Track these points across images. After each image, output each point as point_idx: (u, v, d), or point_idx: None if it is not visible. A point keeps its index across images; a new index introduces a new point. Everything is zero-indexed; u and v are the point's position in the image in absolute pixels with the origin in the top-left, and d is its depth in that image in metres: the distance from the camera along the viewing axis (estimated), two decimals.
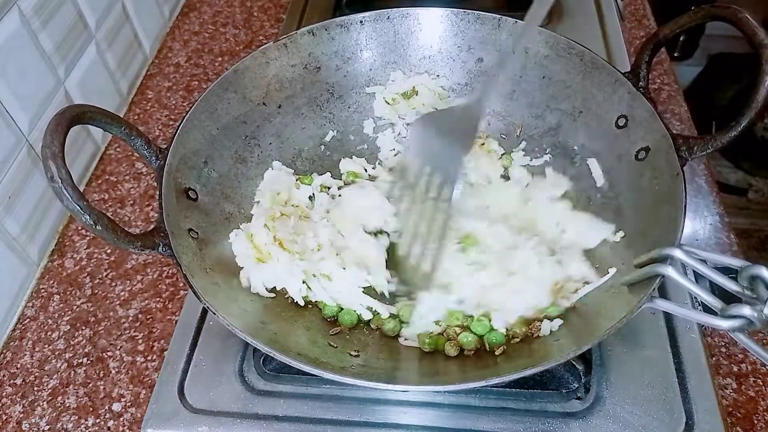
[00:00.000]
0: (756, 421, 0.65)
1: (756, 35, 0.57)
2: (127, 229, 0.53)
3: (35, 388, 0.72)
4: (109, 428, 0.68)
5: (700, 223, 0.83)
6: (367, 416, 0.63)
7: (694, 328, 0.67)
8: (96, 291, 0.80)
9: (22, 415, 0.70)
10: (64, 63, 0.89)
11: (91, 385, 0.72)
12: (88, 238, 0.86)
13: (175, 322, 0.72)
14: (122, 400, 0.70)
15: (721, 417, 0.61)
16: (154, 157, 0.63)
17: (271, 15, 1.23)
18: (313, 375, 0.53)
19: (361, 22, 0.80)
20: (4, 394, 0.71)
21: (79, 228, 0.88)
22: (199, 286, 0.57)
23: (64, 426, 0.68)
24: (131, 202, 0.91)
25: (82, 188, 0.92)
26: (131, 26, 1.07)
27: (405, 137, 0.84)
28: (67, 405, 0.70)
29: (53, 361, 0.74)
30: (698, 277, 0.59)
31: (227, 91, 0.73)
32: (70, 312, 0.79)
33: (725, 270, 0.50)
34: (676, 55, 2.08)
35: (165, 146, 0.64)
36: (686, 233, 0.80)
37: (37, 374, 0.73)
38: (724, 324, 0.47)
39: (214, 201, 0.69)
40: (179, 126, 0.67)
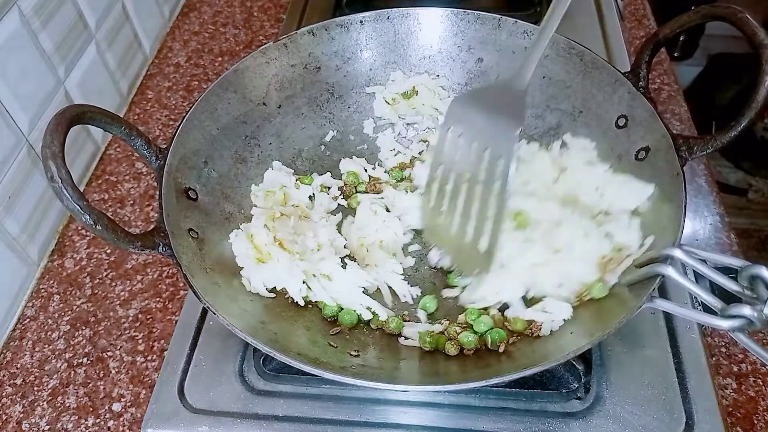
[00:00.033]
0: (756, 421, 0.65)
1: (756, 35, 0.57)
2: (127, 229, 0.53)
3: (35, 388, 0.72)
4: (109, 428, 0.68)
5: (700, 223, 0.83)
6: (367, 416, 0.63)
7: (694, 328, 0.67)
8: (96, 291, 0.80)
9: (22, 415, 0.70)
10: (64, 63, 0.89)
11: (91, 385, 0.72)
12: (88, 238, 0.86)
13: (175, 322, 0.72)
14: (122, 400, 0.70)
15: (721, 417, 0.61)
16: (154, 157, 0.63)
17: (271, 15, 1.23)
18: (313, 375, 0.53)
19: (361, 22, 0.80)
20: (4, 394, 0.71)
21: (79, 228, 0.88)
22: (199, 286, 0.57)
23: (64, 426, 0.68)
24: (131, 202, 0.91)
25: (82, 188, 0.92)
26: (131, 26, 1.07)
27: (405, 137, 0.84)
28: (67, 405, 0.70)
29: (53, 361, 0.74)
30: (698, 277, 0.59)
31: (227, 91, 0.73)
32: (70, 312, 0.79)
33: (725, 270, 0.50)
34: (676, 55, 2.08)
35: (165, 146, 0.64)
36: (686, 233, 0.80)
37: (37, 374, 0.73)
38: (724, 324, 0.48)
39: (214, 201, 0.69)
40: (179, 126, 0.67)
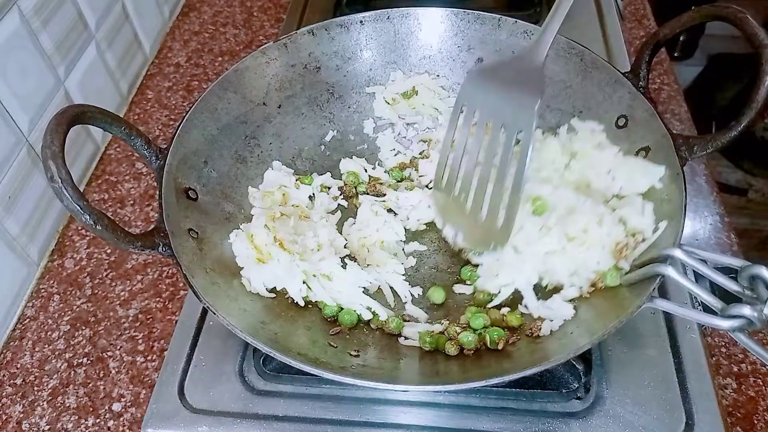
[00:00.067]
0: (756, 421, 0.65)
1: (756, 35, 0.57)
2: (127, 229, 0.53)
3: (35, 388, 0.72)
4: (109, 428, 0.68)
5: (700, 223, 0.83)
6: (367, 416, 0.63)
7: (694, 328, 0.67)
8: (96, 291, 0.80)
9: (22, 415, 0.70)
10: (64, 63, 0.89)
11: (91, 385, 0.72)
12: (88, 238, 0.86)
13: (175, 322, 0.72)
14: (122, 400, 0.70)
15: (721, 417, 0.61)
16: (154, 157, 0.63)
17: (271, 15, 1.23)
18: (313, 375, 0.53)
19: (361, 22, 0.80)
20: (4, 394, 0.71)
21: (79, 228, 0.88)
22: (199, 286, 0.57)
23: (64, 426, 0.68)
24: (131, 202, 0.91)
25: (82, 188, 0.92)
26: (131, 26, 1.07)
27: (405, 137, 0.84)
28: (67, 405, 0.70)
29: (53, 361, 0.74)
30: (698, 277, 0.59)
31: (227, 91, 0.73)
32: (70, 312, 0.79)
33: (725, 270, 0.50)
34: (676, 55, 2.08)
35: (165, 146, 0.64)
36: (686, 233, 0.80)
37: (37, 374, 0.73)
38: (724, 324, 0.48)
39: (214, 201, 0.69)
40: (179, 126, 0.67)
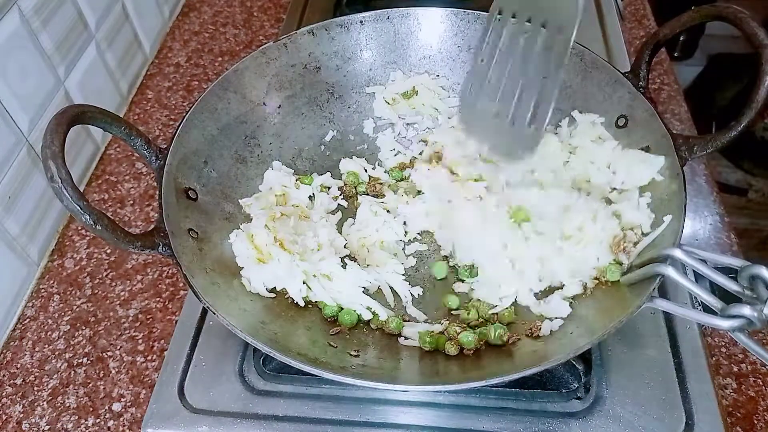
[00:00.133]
0: (756, 421, 0.65)
1: (756, 35, 0.57)
2: (127, 229, 0.53)
3: (35, 388, 0.72)
4: (109, 428, 0.68)
5: (700, 223, 0.83)
6: (367, 416, 0.63)
7: (694, 328, 0.67)
8: (96, 291, 0.80)
9: (22, 415, 0.70)
10: (64, 63, 0.89)
11: (91, 385, 0.72)
12: (88, 238, 0.86)
13: (175, 322, 0.72)
14: (122, 400, 0.70)
15: (721, 417, 0.61)
16: (154, 157, 0.63)
17: (271, 15, 1.23)
18: (313, 375, 0.53)
19: (361, 22, 0.80)
20: (4, 394, 0.71)
21: (79, 228, 0.88)
22: (199, 286, 0.57)
23: (64, 426, 0.68)
24: (131, 202, 0.91)
25: (82, 188, 0.92)
26: (131, 26, 1.07)
27: (405, 137, 0.84)
28: (67, 405, 0.70)
29: (53, 361, 0.74)
30: (698, 277, 0.59)
31: (227, 91, 0.73)
32: (70, 312, 0.79)
33: (725, 270, 0.50)
34: (676, 55, 2.08)
35: (165, 146, 0.64)
36: (686, 233, 0.80)
37: (37, 374, 0.73)
38: (724, 324, 0.48)
39: (214, 201, 0.69)
40: (179, 126, 0.67)
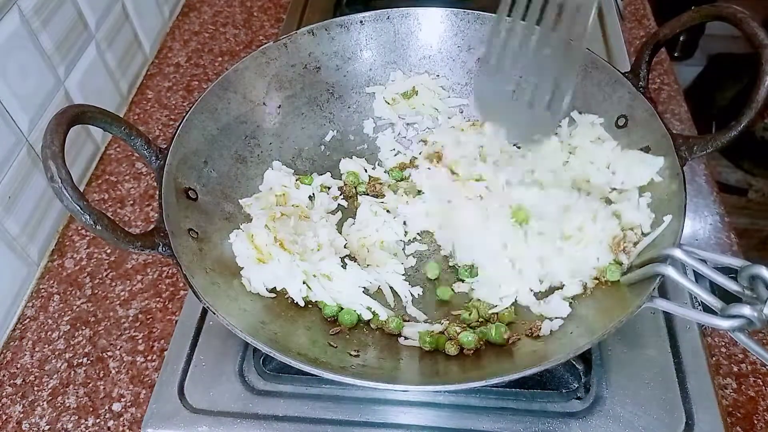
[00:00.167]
0: (756, 421, 0.65)
1: (756, 35, 0.57)
2: (127, 229, 0.53)
3: (35, 388, 0.72)
4: (109, 428, 0.68)
5: (700, 223, 0.83)
6: (367, 416, 0.63)
7: (694, 328, 0.67)
8: (96, 291, 0.80)
9: (22, 415, 0.70)
10: (64, 63, 0.89)
11: (91, 385, 0.72)
12: (88, 238, 0.86)
13: (175, 322, 0.72)
14: (122, 400, 0.70)
15: (721, 417, 0.61)
16: (154, 157, 0.63)
17: (271, 15, 1.23)
18: (313, 375, 0.53)
19: (361, 22, 0.80)
20: (4, 394, 0.71)
21: (79, 228, 0.88)
22: (199, 286, 0.57)
23: (64, 426, 0.68)
24: (131, 202, 0.91)
25: (82, 188, 0.92)
26: (131, 26, 1.07)
27: (405, 137, 0.84)
28: (67, 405, 0.70)
29: (53, 361, 0.74)
30: (698, 277, 0.59)
31: (227, 91, 0.73)
32: (70, 312, 0.79)
33: (725, 270, 0.50)
34: (676, 55, 2.08)
35: (165, 146, 0.64)
36: (686, 233, 0.80)
37: (37, 374, 0.73)
38: (724, 324, 0.48)
39: (214, 201, 0.69)
40: (179, 126, 0.67)
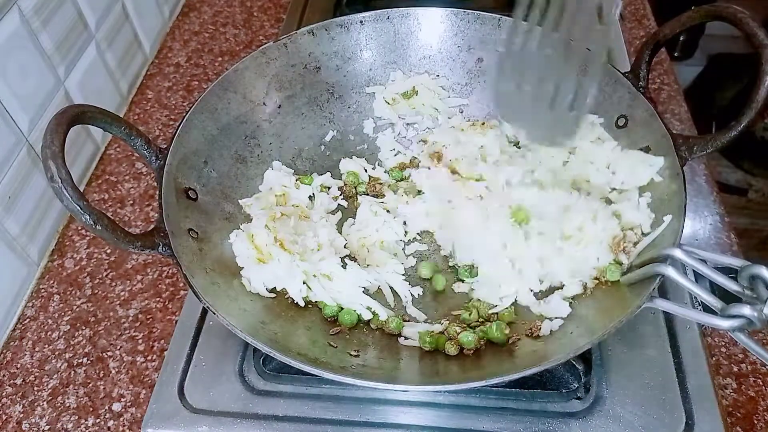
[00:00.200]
0: (756, 421, 0.65)
1: (756, 35, 0.57)
2: (127, 229, 0.53)
3: (35, 388, 0.72)
4: (109, 428, 0.68)
5: (700, 223, 0.83)
6: (367, 416, 0.63)
7: (694, 328, 0.67)
8: (96, 291, 0.80)
9: (22, 415, 0.70)
10: (64, 63, 0.89)
11: (91, 385, 0.72)
12: (88, 238, 0.86)
13: (175, 322, 0.72)
14: (122, 400, 0.70)
15: (721, 417, 0.61)
16: (154, 157, 0.63)
17: (271, 15, 1.23)
18: (313, 375, 0.53)
19: (361, 22, 0.80)
20: (4, 394, 0.71)
21: (79, 228, 0.88)
22: (199, 286, 0.57)
23: (64, 426, 0.68)
24: (131, 202, 0.91)
25: (82, 188, 0.92)
26: (131, 26, 1.07)
27: (405, 137, 0.84)
28: (67, 405, 0.70)
29: (53, 361, 0.74)
30: (698, 277, 0.59)
31: (227, 91, 0.73)
32: (70, 312, 0.79)
33: (725, 270, 0.50)
34: (676, 55, 2.08)
35: (165, 146, 0.64)
36: (686, 233, 0.80)
37: (37, 374, 0.73)
38: (724, 324, 0.48)
39: (214, 201, 0.69)
40: (179, 126, 0.67)
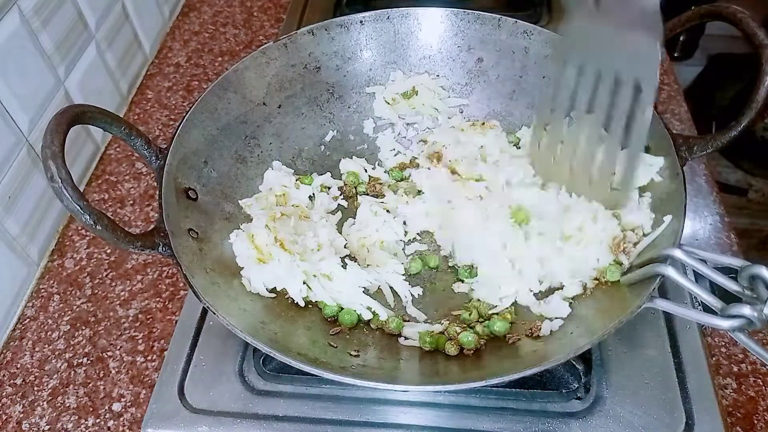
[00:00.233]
0: (756, 421, 0.65)
1: (756, 35, 0.57)
2: (127, 229, 0.53)
3: (35, 388, 0.72)
4: (109, 428, 0.68)
5: (700, 223, 0.83)
6: (367, 416, 0.63)
7: (694, 328, 0.67)
8: (96, 291, 0.80)
9: (22, 415, 0.70)
10: (64, 63, 0.89)
11: (91, 385, 0.72)
12: (88, 238, 0.86)
13: (175, 322, 0.72)
14: (122, 400, 0.70)
15: (721, 417, 0.61)
16: (154, 157, 0.63)
17: (271, 15, 1.23)
18: (313, 375, 0.53)
19: (361, 22, 0.80)
20: (4, 394, 0.71)
21: (79, 228, 0.88)
22: (199, 286, 0.57)
23: (64, 426, 0.68)
24: (131, 202, 0.91)
25: (82, 188, 0.92)
26: (131, 26, 1.07)
27: (405, 137, 0.84)
28: (67, 405, 0.70)
29: (53, 361, 0.74)
30: (698, 277, 0.59)
31: (227, 91, 0.73)
32: (70, 312, 0.79)
33: (725, 270, 0.50)
34: (676, 55, 2.08)
35: (165, 146, 0.64)
36: (686, 233, 0.80)
37: (37, 374, 0.73)
38: (724, 324, 0.48)
39: (214, 201, 0.69)
40: (179, 126, 0.67)
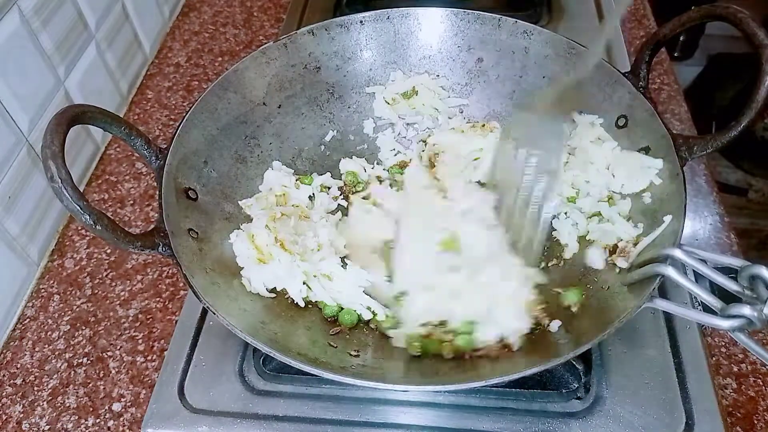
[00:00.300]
0: (756, 421, 0.65)
1: (756, 35, 0.57)
2: (127, 229, 0.53)
3: (35, 388, 0.72)
4: (109, 428, 0.68)
5: (700, 223, 0.83)
6: (367, 416, 0.63)
7: (694, 328, 0.67)
8: (96, 291, 0.80)
9: (22, 415, 0.70)
10: (64, 63, 0.89)
11: (91, 385, 0.72)
12: (88, 238, 0.86)
13: (175, 322, 0.72)
14: (122, 400, 0.70)
15: (721, 417, 0.61)
16: (154, 157, 0.63)
17: (271, 15, 1.23)
18: (313, 375, 0.53)
19: (361, 22, 0.80)
20: (4, 394, 0.71)
21: (79, 228, 0.88)
22: (199, 286, 0.57)
23: (64, 426, 0.68)
24: (131, 202, 0.91)
25: (82, 188, 0.92)
26: (131, 26, 1.07)
27: (405, 137, 0.84)
28: (67, 405, 0.70)
29: (53, 361, 0.74)
30: (698, 277, 0.59)
31: (227, 91, 0.73)
32: (70, 312, 0.79)
33: (725, 270, 0.50)
34: (676, 55, 2.08)
35: (165, 146, 0.64)
36: (686, 233, 0.80)
37: (37, 374, 0.73)
38: (724, 324, 0.48)
39: (214, 201, 0.69)
40: (179, 126, 0.67)
